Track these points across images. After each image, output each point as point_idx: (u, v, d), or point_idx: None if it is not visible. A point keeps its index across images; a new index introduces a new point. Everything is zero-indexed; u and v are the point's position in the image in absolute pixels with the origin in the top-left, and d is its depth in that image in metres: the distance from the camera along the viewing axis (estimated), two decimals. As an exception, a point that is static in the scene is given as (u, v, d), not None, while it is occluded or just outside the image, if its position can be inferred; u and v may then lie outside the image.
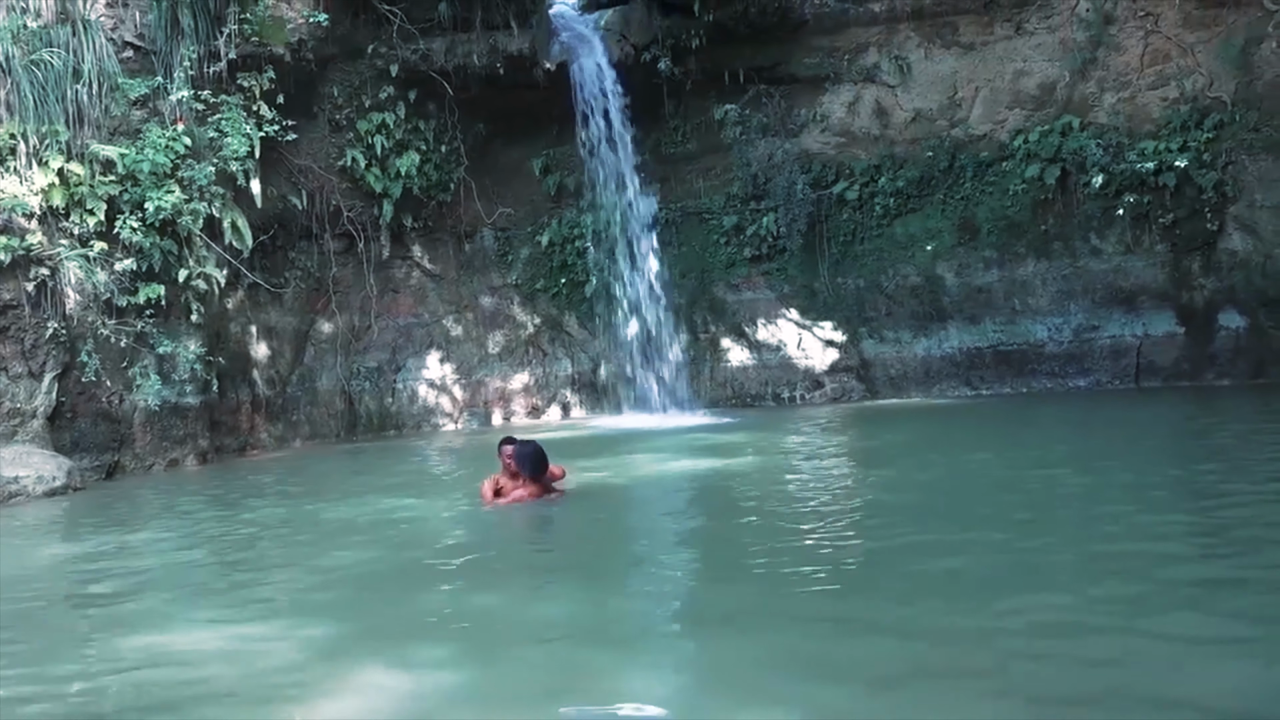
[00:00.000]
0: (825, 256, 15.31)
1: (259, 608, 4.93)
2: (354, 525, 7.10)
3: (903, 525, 5.73)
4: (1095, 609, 3.92)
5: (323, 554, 6.17)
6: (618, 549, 5.97)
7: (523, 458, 6.94)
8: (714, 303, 16.06)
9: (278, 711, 3.49)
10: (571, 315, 16.52)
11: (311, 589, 5.28)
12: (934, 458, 8.55)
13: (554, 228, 16.34)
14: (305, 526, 7.26)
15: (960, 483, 7.34)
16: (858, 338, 15.30)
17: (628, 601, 4.65)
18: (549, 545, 6.26)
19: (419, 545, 6.24)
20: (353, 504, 7.95)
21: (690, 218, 16.24)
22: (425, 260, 16.29)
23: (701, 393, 15.70)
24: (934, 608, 4.09)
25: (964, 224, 14.64)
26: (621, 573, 5.31)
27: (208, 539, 7.10)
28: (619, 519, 6.83)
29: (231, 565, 6.18)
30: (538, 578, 5.18)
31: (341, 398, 15.44)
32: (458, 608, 4.66)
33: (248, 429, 13.96)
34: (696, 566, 5.44)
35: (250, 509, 8.42)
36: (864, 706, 3.21)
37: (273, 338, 14.70)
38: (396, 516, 7.28)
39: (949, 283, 14.75)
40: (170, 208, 11.67)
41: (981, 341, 14.60)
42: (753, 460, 9.24)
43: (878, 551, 5.15)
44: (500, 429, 15.35)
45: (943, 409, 13.22)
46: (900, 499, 6.72)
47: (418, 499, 7.85)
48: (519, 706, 3.38)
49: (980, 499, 6.54)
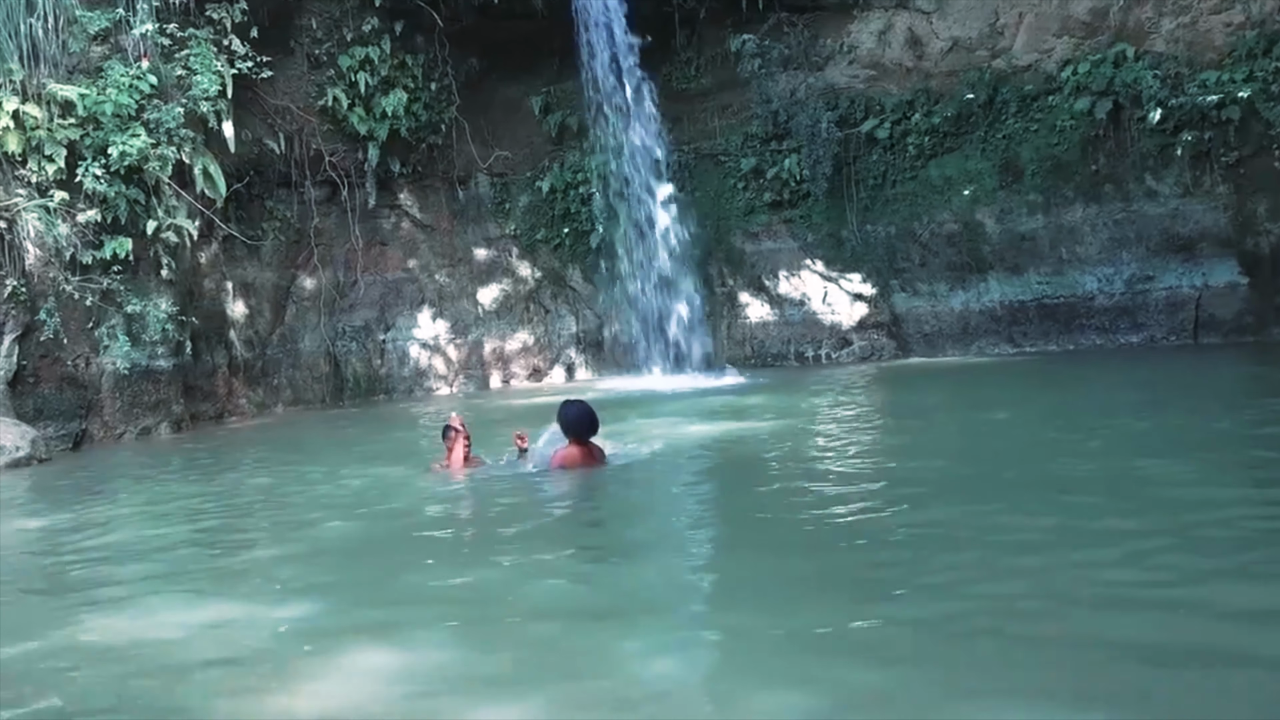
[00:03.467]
0: (853, 202, 15.22)
1: (239, 585, 4.94)
2: (341, 497, 7.11)
3: (942, 497, 5.70)
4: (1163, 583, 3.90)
5: (308, 527, 6.18)
6: (629, 522, 5.96)
7: (571, 421, 6.91)
8: (731, 253, 16.00)
9: (261, 697, 3.50)
10: (575, 268, 16.48)
11: (296, 565, 5.29)
12: (974, 422, 8.51)
13: (555, 172, 16.26)
14: (288, 499, 7.28)
15: (1004, 449, 7.29)
16: (889, 291, 15.24)
17: (641, 577, 4.64)
18: (552, 518, 6.26)
19: (411, 517, 6.25)
20: (340, 474, 7.97)
21: (705, 160, 16.13)
22: (415, 209, 16.24)
23: (718, 352, 15.70)
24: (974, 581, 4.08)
25: (1006, 165, 14.51)
26: (633, 547, 5.30)
27: (183, 512, 7.12)
28: (628, 490, 6.82)
29: (209, 540, 6.21)
30: (541, 552, 5.18)
31: (326, 360, 15.47)
32: (454, 583, 4.67)
33: (225, 394, 14.00)
34: (716, 541, 5.43)
35: (228, 480, 8.44)
36: (903, 689, 3.20)
37: (250, 295, 14.70)
38: (387, 487, 7.29)
39: (989, 230, 14.65)
40: (136, 153, 11.62)
41: (1025, 294, 14.53)
42: (774, 425, 9.19)
43: (915, 524, 5.13)
44: (498, 393, 15.39)
45: (982, 368, 13.18)
46: (938, 467, 6.67)
47: (411, 469, 7.86)
48: (519, 689, 3.39)
49: (1028, 468, 6.49)
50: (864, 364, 14.73)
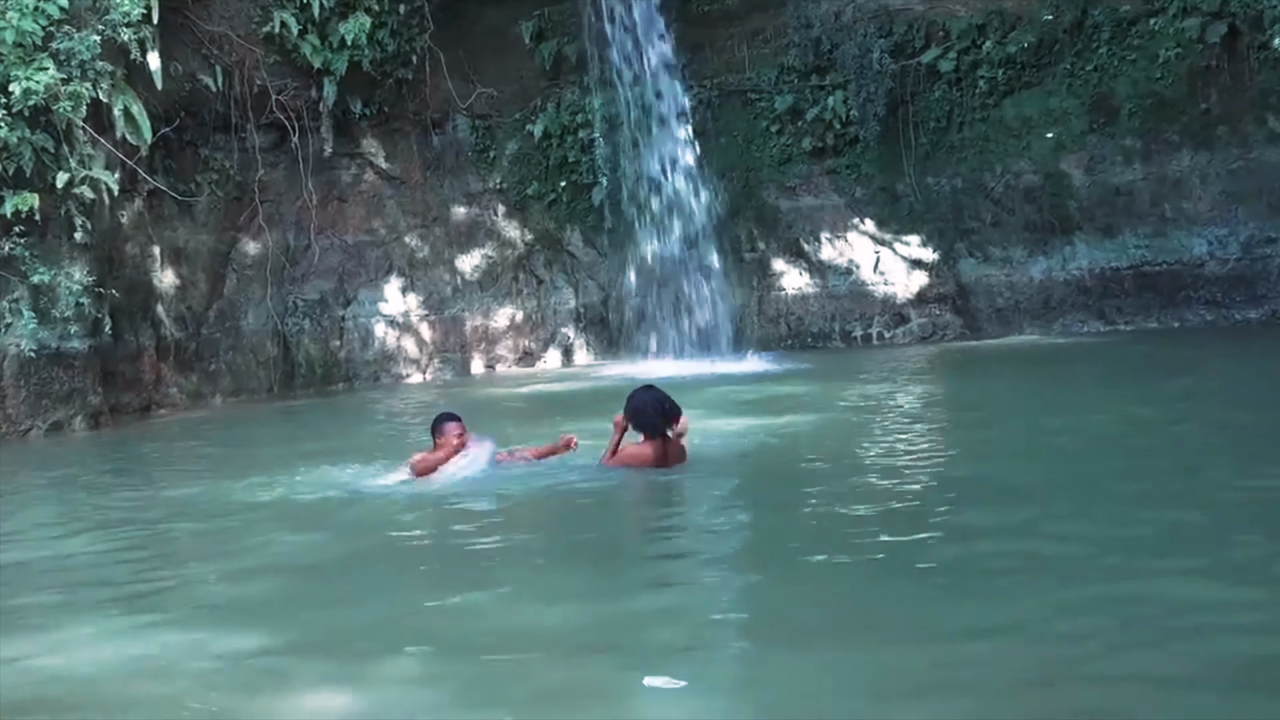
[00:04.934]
0: (911, 149, 15.15)
1: (170, 612, 4.89)
2: (292, 507, 7.06)
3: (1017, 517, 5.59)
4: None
5: (251, 543, 6.14)
6: (640, 538, 5.93)
7: (637, 409, 6.89)
8: (763, 211, 15.95)
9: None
10: (574, 230, 16.44)
11: (237, 588, 5.26)
12: (1057, 420, 8.42)
13: (550, 114, 16.19)
14: (228, 508, 7.22)
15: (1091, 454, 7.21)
16: (954, 256, 15.20)
17: (657, 605, 4.59)
18: (549, 530, 6.22)
19: (375, 532, 6.19)
20: (290, 480, 7.90)
21: (732, 98, 16.06)
22: (380, 158, 16.20)
23: (748, 331, 15.66)
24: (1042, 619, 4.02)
25: (1097, 103, 14.43)
26: (647, 569, 5.25)
27: (101, 525, 7.07)
28: (640, 500, 6.79)
29: (134, 559, 6.14)
30: (537, 572, 5.14)
31: (274, 341, 15.44)
32: (430, 609, 4.64)
33: (152, 382, 13.98)
34: (746, 563, 5.37)
35: (157, 485, 8.41)
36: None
37: (182, 262, 14.67)
38: (348, 495, 7.24)
39: (1076, 182, 14.60)
40: (43, 90, 11.54)
41: (1119, 260, 14.48)
42: (814, 422, 9.14)
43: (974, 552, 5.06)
44: (482, 380, 15.36)
45: (1066, 351, 13.10)
46: (1013, 477, 6.60)
47: (376, 473, 7.83)
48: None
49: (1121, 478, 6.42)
50: (923, 345, 14.67)
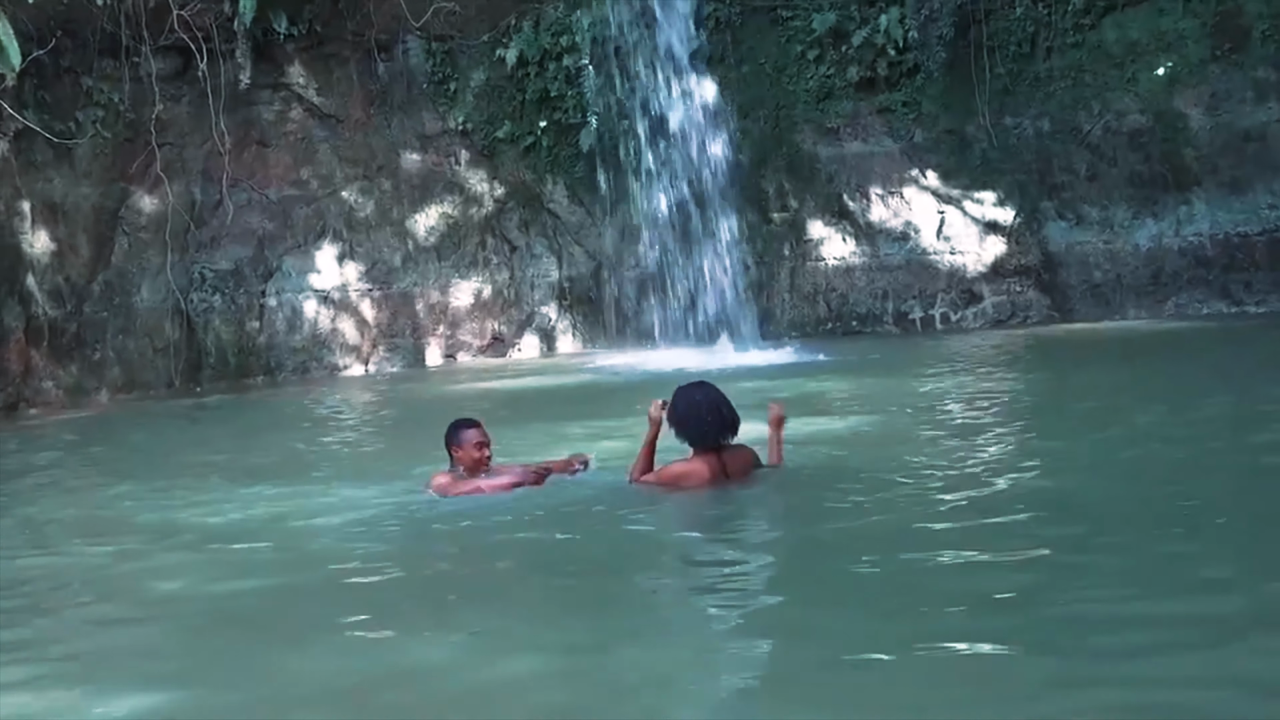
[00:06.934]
0: (985, 82, 15.15)
1: (49, 666, 4.92)
2: (200, 534, 7.06)
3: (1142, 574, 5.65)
4: None
5: (149, 579, 6.15)
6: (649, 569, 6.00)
7: (682, 417, 6.88)
8: (797, 160, 15.93)
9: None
10: (557, 182, 16.42)
11: (131, 637, 5.27)
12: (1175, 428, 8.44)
13: (527, 35, 16.14)
14: (117, 534, 7.22)
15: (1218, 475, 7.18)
16: (1039, 218, 15.21)
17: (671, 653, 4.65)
18: (531, 563, 6.25)
19: (315, 566, 6.22)
20: (198, 497, 7.92)
21: (757, 16, 16.03)
22: (311, 91, 16.18)
23: (777, 312, 15.67)
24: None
25: (1221, 24, 14.45)
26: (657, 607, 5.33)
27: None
28: (647, 523, 6.83)
29: (-2, 598, 6.21)
30: (517, 615, 5.18)
31: (175, 322, 15.44)
32: (382, 664, 4.66)
33: (19, 373, 13.99)
34: (781, 600, 5.41)
35: (25, 503, 8.39)
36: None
37: (59, 222, 14.66)
38: (270, 518, 7.27)
39: (1195, 125, 14.65)
40: (-117, 2, 11.58)
41: (1250, 224, 14.54)
42: (862, 427, 9.15)
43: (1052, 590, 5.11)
44: (440, 374, 15.35)
45: (1183, 338, 13.13)
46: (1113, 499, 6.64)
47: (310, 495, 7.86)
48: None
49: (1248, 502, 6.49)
50: (999, 330, 14.67)
